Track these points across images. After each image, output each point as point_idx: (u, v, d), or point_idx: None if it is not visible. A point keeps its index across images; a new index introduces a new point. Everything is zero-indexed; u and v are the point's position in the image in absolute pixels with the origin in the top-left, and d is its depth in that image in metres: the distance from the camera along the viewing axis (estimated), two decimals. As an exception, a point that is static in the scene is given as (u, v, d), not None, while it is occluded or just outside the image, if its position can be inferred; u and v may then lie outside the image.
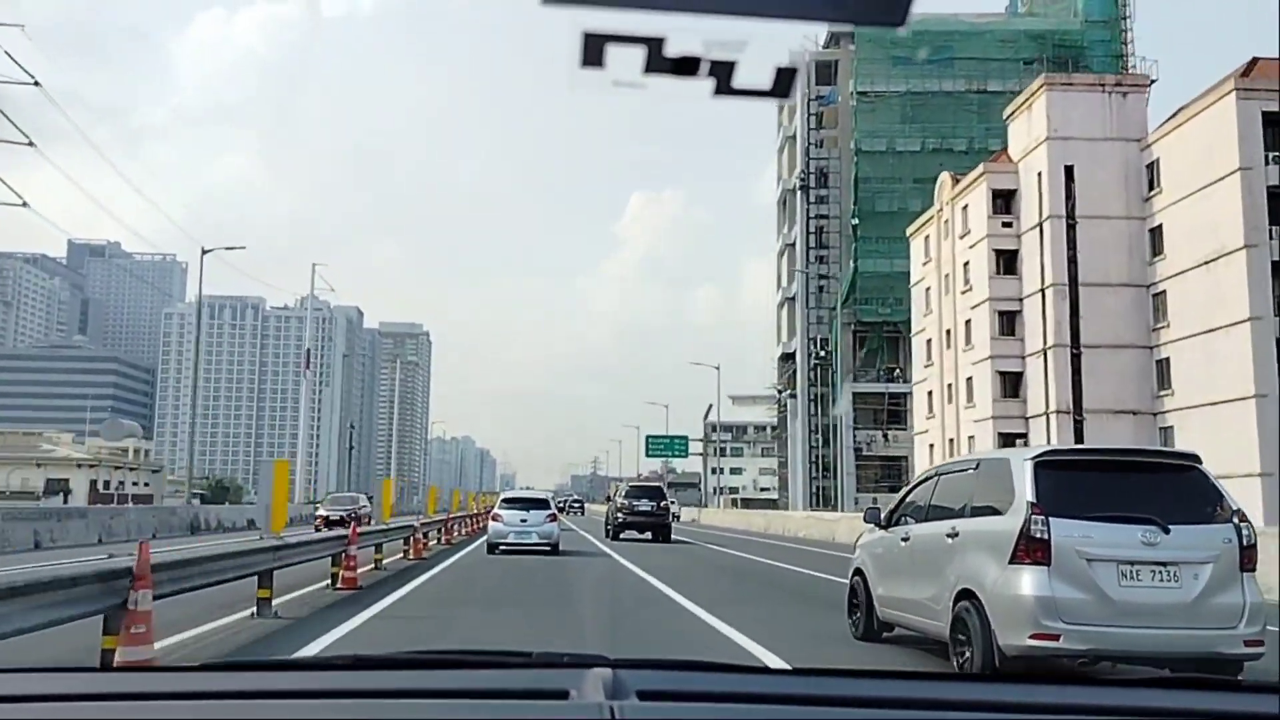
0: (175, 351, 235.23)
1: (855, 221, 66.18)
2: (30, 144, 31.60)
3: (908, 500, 8.93)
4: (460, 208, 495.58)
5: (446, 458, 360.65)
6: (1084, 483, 7.00)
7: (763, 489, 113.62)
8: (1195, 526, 6.79)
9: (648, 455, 67.67)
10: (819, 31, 56.93)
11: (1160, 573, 6.64)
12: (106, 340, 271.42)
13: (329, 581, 13.37)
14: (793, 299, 73.85)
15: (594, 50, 0.96)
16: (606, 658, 1.62)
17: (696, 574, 17.98)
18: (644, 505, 30.11)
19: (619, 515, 30.43)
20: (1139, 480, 7.05)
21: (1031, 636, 6.58)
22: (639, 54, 0.97)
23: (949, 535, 7.63)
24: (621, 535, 29.97)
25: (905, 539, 8.54)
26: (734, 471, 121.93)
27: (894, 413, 66.52)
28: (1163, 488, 6.97)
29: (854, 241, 66.52)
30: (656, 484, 36.77)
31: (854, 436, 65.91)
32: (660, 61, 0.98)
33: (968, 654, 7.07)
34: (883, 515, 9.26)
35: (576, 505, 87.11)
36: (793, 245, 74.33)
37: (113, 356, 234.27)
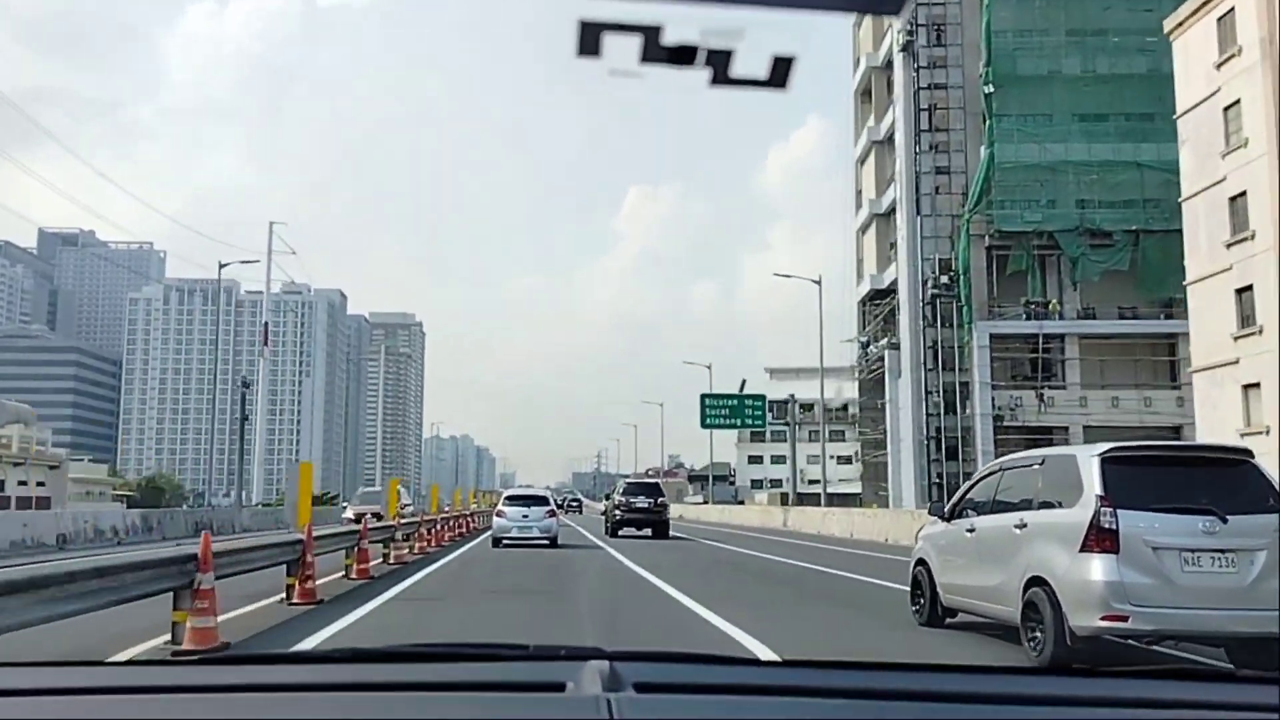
0: (141, 340, 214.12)
1: (988, 90, 45.51)
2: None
3: (969, 494, 9.45)
4: (456, 202, 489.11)
5: (443, 456, 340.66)
6: (1147, 477, 7.57)
7: (813, 480, 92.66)
8: (1250, 516, 7.30)
9: (704, 425, 47.25)
10: None
11: (1219, 559, 7.18)
12: (79, 332, 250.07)
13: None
14: (888, 214, 53.01)
15: (590, 39, 0.97)
16: (603, 650, 1.58)
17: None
18: (641, 502, 30.08)
19: (617, 512, 30.41)
20: (1197, 474, 7.71)
21: (1102, 618, 7.14)
22: (636, 43, 0.98)
23: (1017, 526, 8.17)
24: (620, 532, 29.76)
25: (971, 530, 9.00)
26: (777, 460, 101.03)
27: (1049, 365, 45.83)
28: (1219, 481, 7.53)
29: (987, 119, 45.85)
30: (654, 481, 36.50)
31: (991, 400, 45.14)
32: (657, 50, 0.98)
33: (1039, 635, 7.61)
34: (945, 509, 9.70)
35: (575, 504, 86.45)
36: (884, 142, 53.58)
37: (73, 346, 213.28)
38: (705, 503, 79.11)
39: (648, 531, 29.49)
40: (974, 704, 1.50)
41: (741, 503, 76.03)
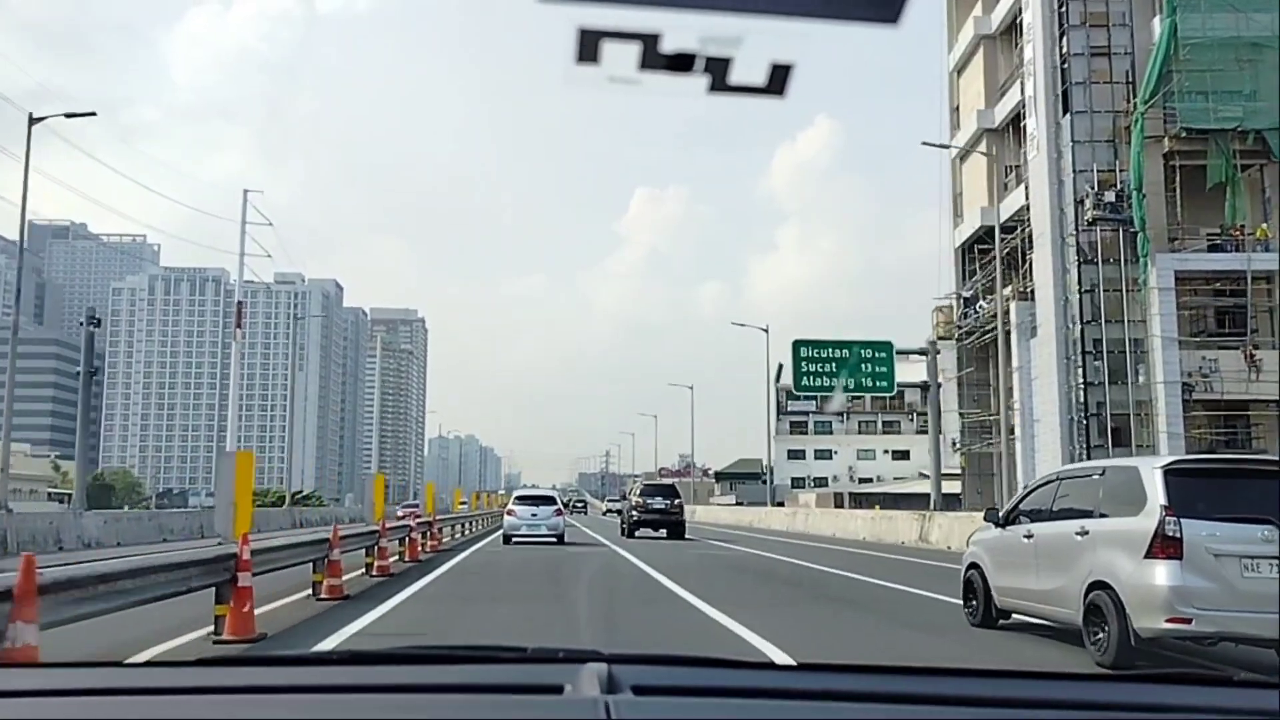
0: (125, 332, 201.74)
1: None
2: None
3: (1024, 503, 9.74)
4: (460, 204, 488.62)
5: (447, 456, 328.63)
6: (1206, 488, 7.93)
7: (863, 479, 79.86)
8: None
9: (798, 388, 34.54)
10: None
11: (1277, 565, 7.41)
12: (65, 325, 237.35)
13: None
14: (1007, 126, 40.39)
15: (589, 46, 0.97)
16: (602, 653, 1.60)
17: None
18: (658, 503, 30.29)
19: (634, 514, 30.66)
20: (1254, 485, 8.08)
21: (1167, 621, 7.45)
22: (634, 50, 0.98)
23: (1078, 534, 8.46)
24: (637, 534, 29.87)
25: (1028, 536, 9.27)
26: (822, 455, 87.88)
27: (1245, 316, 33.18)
28: (1274, 491, 7.81)
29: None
30: (670, 483, 36.32)
31: (1179, 363, 32.45)
32: (656, 58, 0.99)
33: (1101, 637, 7.94)
34: (1000, 515, 10.02)
35: (580, 504, 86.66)
36: (998, 36, 41.04)
37: (52, 339, 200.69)
38: (741, 503, 67.40)
39: (663, 532, 29.88)
40: (977, 707, 1.51)
41: (781, 504, 63.82)
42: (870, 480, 79.11)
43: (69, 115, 31.69)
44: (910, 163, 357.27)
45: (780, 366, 72.90)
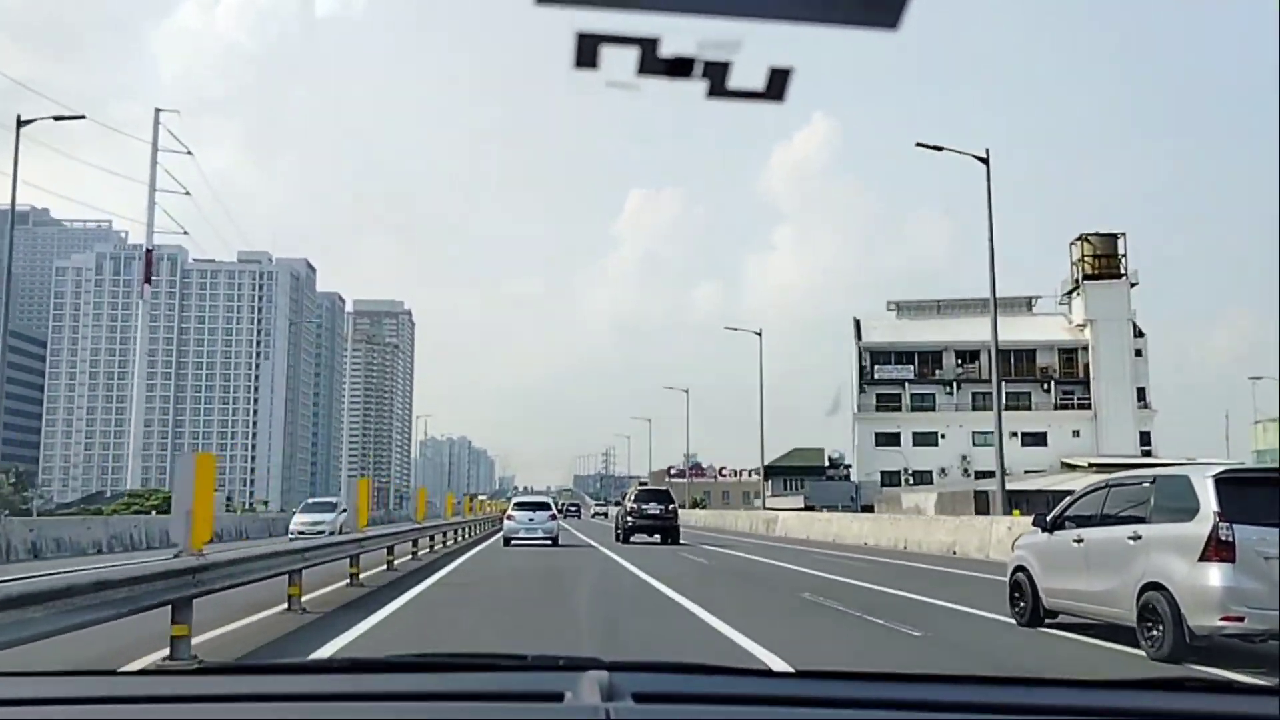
0: (69, 316, 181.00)
1: None
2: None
3: (1072, 509, 10.48)
4: (452, 204, 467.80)
5: (439, 458, 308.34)
6: (1255, 495, 8.59)
7: (982, 473, 58.29)
8: None
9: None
10: None
11: None
12: (21, 318, 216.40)
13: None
14: None
15: (588, 51, 0.97)
16: (602, 660, 1.62)
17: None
18: (653, 509, 31.02)
19: (629, 519, 31.25)
20: None
21: (1221, 619, 8.11)
22: (633, 55, 0.98)
23: (1130, 538, 9.16)
24: (632, 539, 30.48)
25: (1079, 540, 9.98)
26: (924, 441, 66.43)
27: None
28: None
29: None
30: (664, 489, 36.19)
31: None
32: (654, 63, 0.99)
33: (1156, 634, 8.61)
34: (1047, 520, 10.75)
35: (573, 509, 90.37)
36: None
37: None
38: (813, 508, 49.07)
39: (657, 537, 30.48)
40: (976, 713, 1.52)
41: (870, 508, 51.30)
42: (987, 475, 57.33)
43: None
44: (910, 163, 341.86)
45: (858, 322, 54.46)
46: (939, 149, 28.08)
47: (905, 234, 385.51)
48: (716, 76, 0.99)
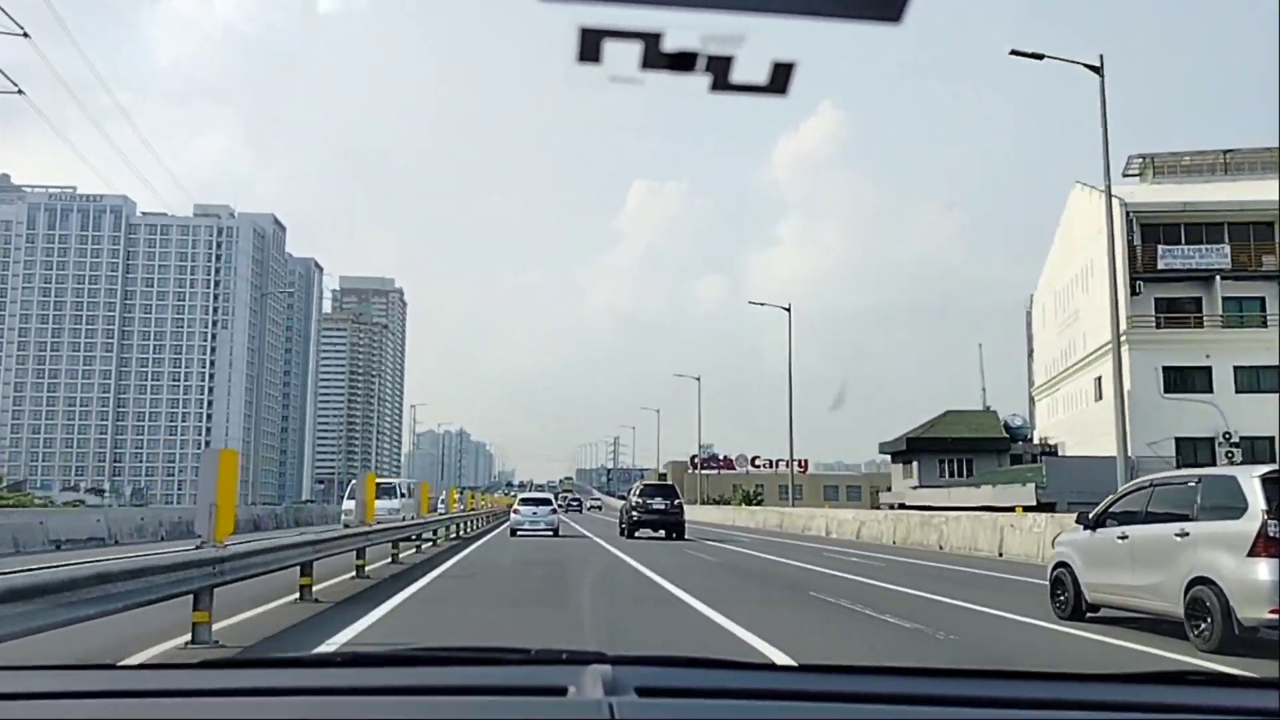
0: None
1: None
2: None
3: (1115, 507, 11.06)
4: (454, 195, 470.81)
5: (436, 451, 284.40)
6: None
7: None
8: None
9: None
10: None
11: None
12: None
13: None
14: None
15: (591, 45, 0.97)
16: (605, 654, 1.65)
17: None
18: (658, 504, 31.42)
19: (633, 514, 31.75)
20: None
21: (1270, 612, 8.52)
22: (636, 49, 0.98)
23: (1178, 535, 9.61)
24: (636, 534, 31.19)
25: (1123, 537, 10.51)
26: (1250, 383, 39.24)
27: None
28: None
29: None
30: (669, 484, 37.65)
31: None
32: (657, 57, 0.99)
33: (1204, 626, 9.05)
34: (1090, 517, 11.40)
35: (575, 503, 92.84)
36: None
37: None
38: (1051, 506, 27.30)
39: (662, 533, 31.12)
40: (979, 708, 1.55)
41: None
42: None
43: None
44: (917, 154, 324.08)
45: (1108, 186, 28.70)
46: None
47: (910, 226, 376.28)
48: (720, 71, 0.99)
